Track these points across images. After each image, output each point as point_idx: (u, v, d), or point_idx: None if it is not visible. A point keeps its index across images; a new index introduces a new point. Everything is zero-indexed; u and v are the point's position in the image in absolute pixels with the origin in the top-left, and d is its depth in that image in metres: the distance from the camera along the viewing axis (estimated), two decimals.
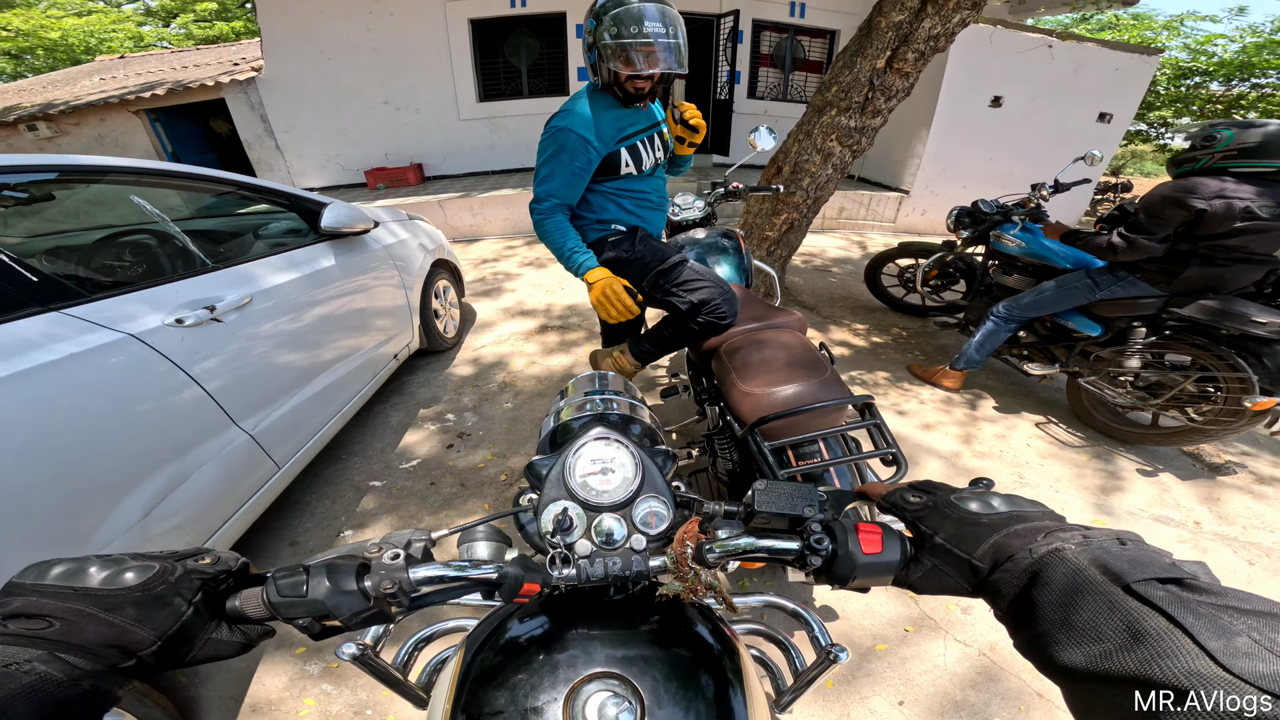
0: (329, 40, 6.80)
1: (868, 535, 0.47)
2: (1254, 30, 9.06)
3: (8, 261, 1.15)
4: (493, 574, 0.48)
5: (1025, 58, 5.81)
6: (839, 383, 1.27)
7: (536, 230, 1.60)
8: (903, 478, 1.10)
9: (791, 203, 3.52)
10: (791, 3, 7.25)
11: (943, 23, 2.82)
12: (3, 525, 1.02)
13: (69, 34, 13.71)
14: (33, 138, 7.17)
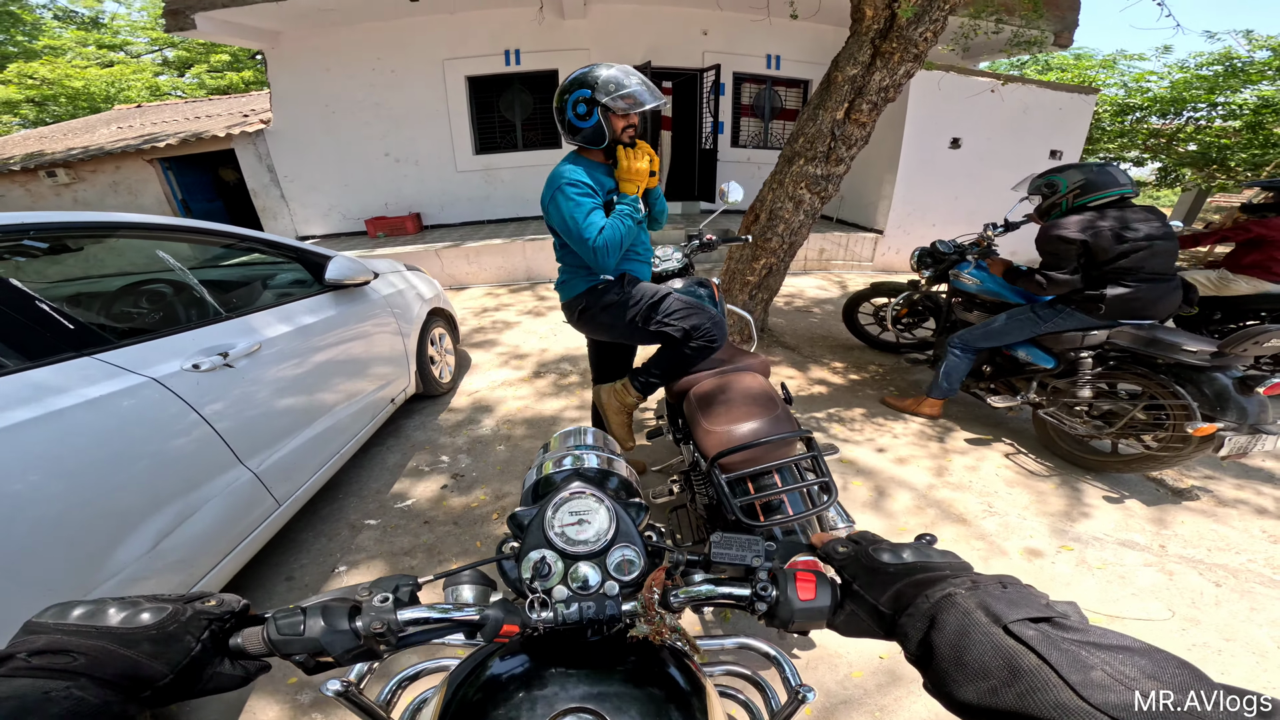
0: (334, 95, 7.24)
1: (804, 584, 0.53)
2: (1180, 67, 9.72)
3: (49, 311, 1.30)
4: (474, 616, 0.53)
5: (977, 100, 6.25)
6: (789, 419, 1.41)
7: (603, 258, 1.70)
8: (832, 502, 1.22)
9: (769, 248, 3.74)
10: (768, 55, 7.79)
11: (890, 74, 3.13)
12: (34, 548, 1.12)
13: (91, 83, 14.41)
14: (51, 184, 7.49)
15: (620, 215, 1.73)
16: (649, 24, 7.31)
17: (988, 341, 2.78)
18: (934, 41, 3.01)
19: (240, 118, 8.36)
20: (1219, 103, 9.14)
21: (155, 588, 1.37)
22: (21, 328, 1.24)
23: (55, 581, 1.17)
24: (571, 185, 1.69)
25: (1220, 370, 2.19)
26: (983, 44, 7.36)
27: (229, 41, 6.72)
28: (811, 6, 5.98)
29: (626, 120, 1.70)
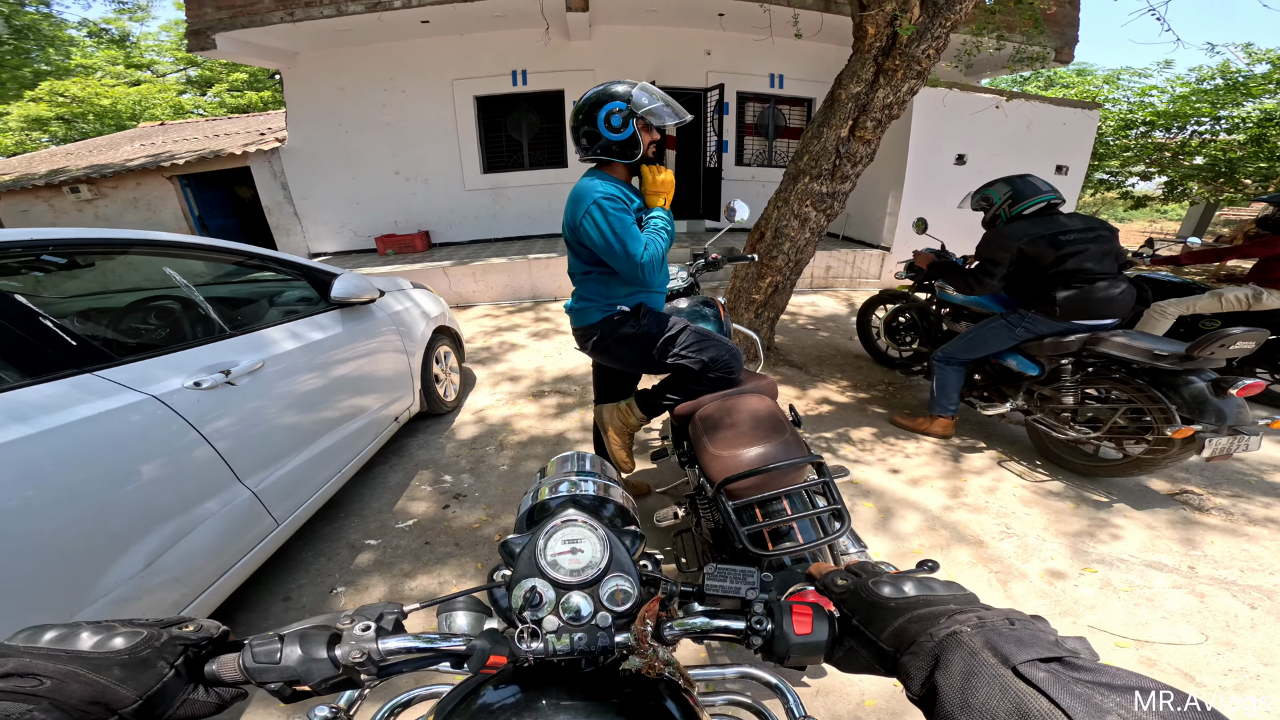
0: (347, 115, 7.41)
1: (800, 617, 0.52)
2: (1182, 81, 9.75)
3: (51, 327, 1.29)
4: (460, 646, 0.52)
5: (982, 117, 6.28)
6: (799, 443, 1.37)
7: (650, 273, 1.70)
8: (845, 531, 1.17)
9: (774, 266, 3.73)
10: (771, 75, 7.89)
11: (894, 92, 3.14)
12: (23, 566, 1.11)
13: (119, 101, 14.93)
14: (74, 199, 7.69)
15: (656, 230, 1.72)
16: (653, 44, 7.44)
17: (969, 353, 2.82)
18: (936, 59, 3.03)
19: (257, 136, 8.57)
20: (1222, 116, 9.14)
21: (148, 607, 1.34)
22: (22, 344, 1.24)
23: (43, 601, 1.15)
24: (608, 199, 1.65)
25: (1195, 374, 2.24)
26: (985, 61, 7.42)
27: (248, 61, 6.92)
28: (814, 26, 6.08)
29: (651, 136, 1.73)
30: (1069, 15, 7.23)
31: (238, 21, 5.97)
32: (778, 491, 1.23)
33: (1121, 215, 20.36)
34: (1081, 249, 2.42)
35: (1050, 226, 2.48)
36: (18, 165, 10.01)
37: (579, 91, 7.39)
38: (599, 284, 1.85)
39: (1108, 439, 2.48)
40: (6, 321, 1.23)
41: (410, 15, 6.16)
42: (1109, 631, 1.79)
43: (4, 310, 1.24)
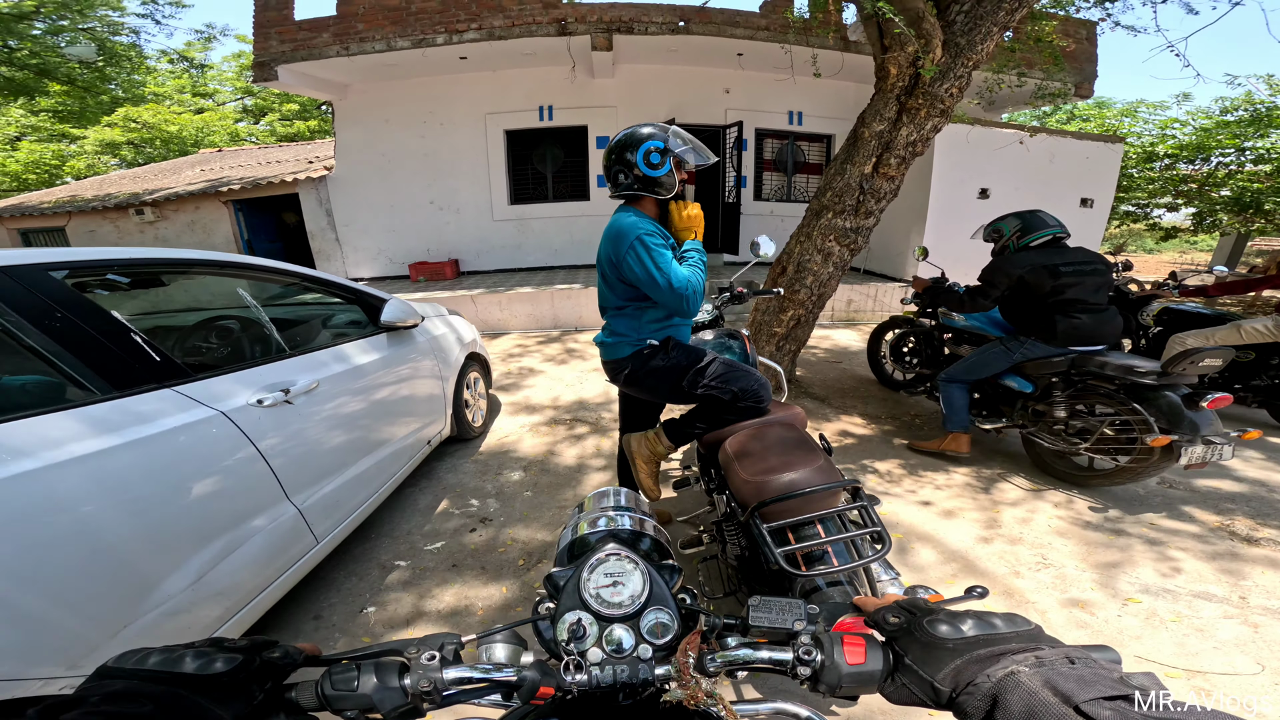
0: (390, 145, 7.84)
1: (852, 647, 0.51)
2: (1204, 114, 9.72)
3: (140, 343, 1.39)
4: (512, 677, 0.54)
5: (1005, 152, 6.36)
6: (832, 469, 1.38)
7: (691, 304, 1.76)
8: (886, 553, 1.18)
9: (797, 300, 3.77)
10: (790, 112, 8.10)
11: (917, 129, 3.22)
12: (87, 575, 1.16)
13: (184, 128, 16.03)
14: (138, 221, 8.22)
15: (695, 262, 1.80)
16: (673, 83, 7.74)
17: (971, 375, 3.02)
18: (959, 97, 3.11)
19: (305, 164, 9.08)
20: (1246, 148, 9.09)
21: (192, 620, 1.38)
22: (115, 358, 1.33)
23: (100, 611, 1.19)
24: (650, 235, 1.72)
25: (1170, 388, 2.44)
26: (1006, 97, 7.54)
27: (305, 92, 7.43)
28: (834, 65, 6.26)
29: (683, 175, 1.83)
30: (1087, 51, 7.35)
31: (299, 55, 6.44)
32: (811, 516, 1.25)
33: (1151, 247, 20.05)
34: (1078, 281, 2.63)
35: (1052, 258, 2.68)
36: (89, 187, 10.73)
37: (602, 127, 7.76)
38: (630, 319, 1.91)
39: (1096, 450, 2.65)
40: (102, 336, 1.33)
41: (450, 51, 6.57)
42: (1157, 661, 1.74)
43: (101, 324, 1.34)
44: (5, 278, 1.22)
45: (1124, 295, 4.20)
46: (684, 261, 1.80)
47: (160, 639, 1.26)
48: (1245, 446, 3.25)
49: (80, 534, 1.15)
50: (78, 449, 1.16)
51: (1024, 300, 2.76)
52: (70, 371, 1.24)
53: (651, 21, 6.30)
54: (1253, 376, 3.48)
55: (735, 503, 1.49)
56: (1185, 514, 2.58)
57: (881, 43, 3.08)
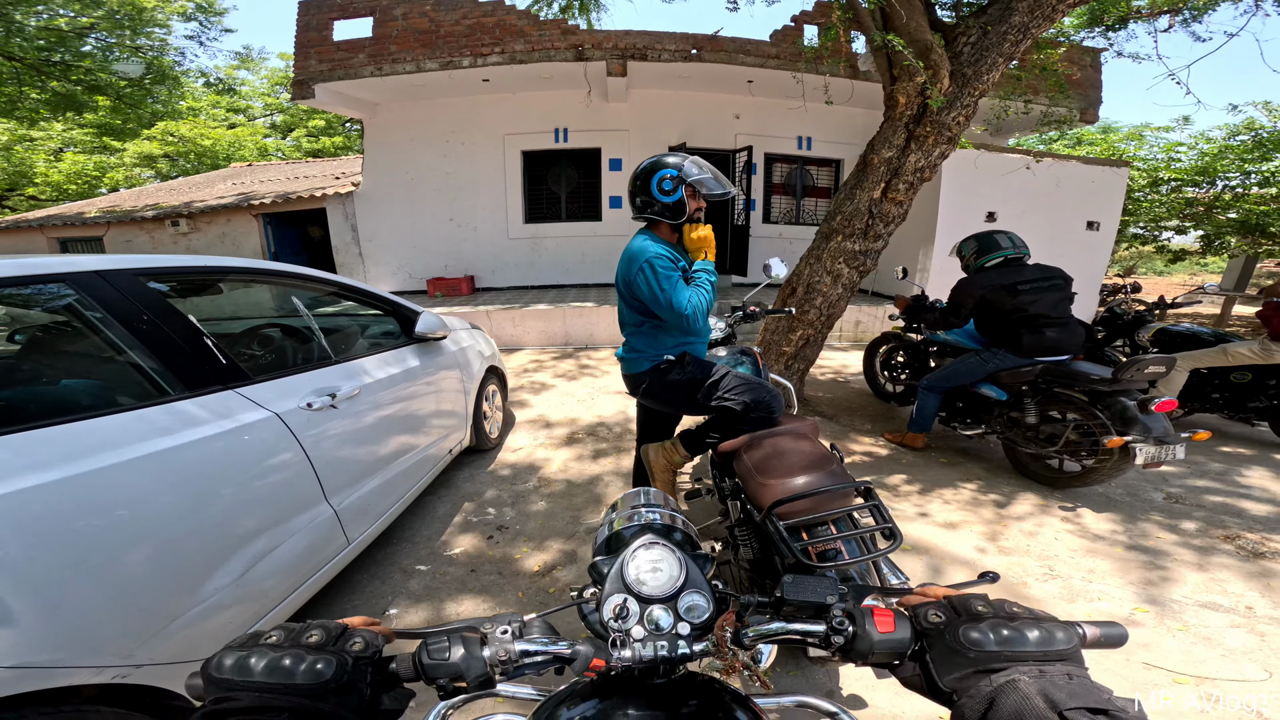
0: (414, 164, 8.12)
1: (882, 617, 0.56)
2: (1207, 138, 9.82)
3: (210, 346, 1.49)
4: (567, 650, 0.60)
5: (1011, 176, 6.47)
6: (844, 472, 1.48)
7: (694, 324, 1.86)
8: (896, 547, 1.25)
9: (806, 320, 3.86)
10: (799, 137, 8.29)
11: (925, 156, 3.34)
12: (146, 567, 1.23)
13: (218, 143, 16.64)
14: (172, 232, 8.53)
15: (701, 282, 1.90)
16: (685, 109, 7.97)
17: (948, 383, 3.29)
18: (966, 125, 3.23)
19: (332, 180, 9.37)
20: (1252, 171, 9.16)
21: (231, 617, 1.44)
22: (189, 359, 1.43)
23: (154, 604, 1.25)
24: (659, 259, 1.85)
25: (1125, 394, 2.69)
26: (1012, 122, 7.69)
27: (339, 110, 7.74)
28: (844, 93, 6.44)
29: (698, 203, 1.93)
30: (1092, 78, 7.50)
31: (336, 74, 6.76)
32: (823, 515, 1.33)
33: (1161, 269, 19.98)
34: (1037, 297, 2.91)
35: (1009, 277, 2.96)
36: (127, 198, 11.13)
37: (614, 150, 7.99)
38: (649, 336, 2.03)
39: (1064, 452, 2.89)
40: (179, 338, 1.43)
41: (474, 74, 6.88)
42: (1165, 668, 1.77)
43: (179, 328, 1.45)
44: (100, 280, 1.34)
45: (1119, 316, 4.27)
46: (692, 282, 1.91)
47: (206, 634, 1.35)
48: (1249, 464, 3.32)
49: (145, 528, 1.23)
50: (151, 446, 1.26)
51: (991, 316, 3.05)
52: (151, 371, 1.35)
53: (665, 49, 6.54)
54: (1250, 397, 3.55)
55: (751, 505, 1.57)
56: (1190, 528, 2.63)
57: (890, 73, 3.21)
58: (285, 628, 0.52)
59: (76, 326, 1.33)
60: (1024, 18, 2.89)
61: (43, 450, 1.10)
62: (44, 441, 1.11)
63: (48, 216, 9.61)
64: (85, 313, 1.31)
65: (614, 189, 8.24)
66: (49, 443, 1.12)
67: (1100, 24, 3.88)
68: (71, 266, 1.32)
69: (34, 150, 14.91)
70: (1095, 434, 2.73)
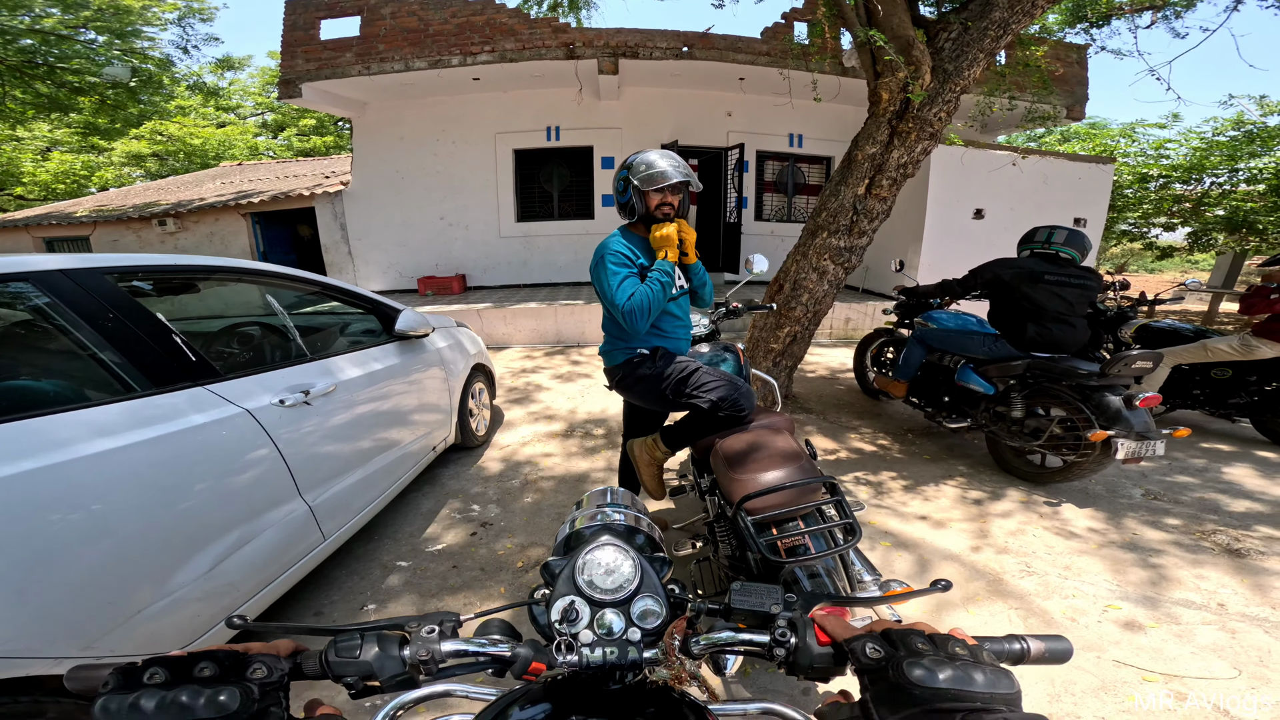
0: (405, 163, 8.10)
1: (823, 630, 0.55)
2: (1198, 135, 9.86)
3: (179, 344, 1.50)
4: (506, 652, 0.57)
5: (999, 173, 6.50)
6: (812, 468, 1.49)
7: (632, 321, 1.84)
8: (855, 543, 1.26)
9: (793, 316, 3.87)
10: (790, 134, 8.31)
11: (908, 152, 3.35)
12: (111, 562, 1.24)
13: (207, 142, 16.52)
14: (160, 231, 8.49)
15: (650, 281, 1.89)
16: (676, 106, 7.97)
17: (940, 343, 3.45)
18: (948, 121, 3.24)
19: (322, 179, 9.35)
20: (1240, 168, 9.19)
21: (200, 610, 1.44)
22: (157, 356, 1.44)
23: (119, 596, 1.26)
24: (611, 255, 1.90)
25: (1110, 390, 2.71)
26: (999, 119, 7.72)
27: (327, 110, 7.72)
28: (831, 90, 6.46)
29: (661, 198, 1.90)
30: (1078, 75, 7.53)
31: (323, 73, 6.74)
32: (793, 509, 1.34)
33: (1151, 266, 20.04)
34: (1058, 291, 2.93)
35: (1039, 266, 2.98)
36: (115, 198, 11.06)
37: (607, 148, 7.98)
38: (623, 331, 2.03)
39: (1047, 447, 2.91)
40: (147, 336, 1.44)
41: (464, 72, 6.86)
42: (1134, 665, 1.78)
43: (146, 325, 1.45)
44: (65, 279, 1.34)
45: (1101, 313, 4.30)
46: (647, 280, 1.90)
47: (172, 626, 1.36)
48: (1230, 460, 3.34)
49: (111, 521, 1.23)
50: (117, 441, 1.26)
51: (1004, 301, 3.10)
52: (116, 368, 1.35)
53: (656, 47, 6.54)
54: (1231, 393, 3.56)
55: (724, 500, 1.58)
56: (1169, 524, 2.64)
57: (874, 69, 3.22)
58: (166, 662, 0.46)
59: (42, 325, 1.33)
60: (1004, 13, 2.90)
61: (6, 444, 1.11)
62: (7, 436, 1.12)
63: (34, 216, 9.56)
64: (50, 312, 1.31)
65: (606, 187, 8.25)
66: (12, 437, 1.12)
67: (1083, 20, 3.90)
68: (36, 265, 1.32)
69: (21, 150, 14.82)
70: (1079, 428, 2.74)
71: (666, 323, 2.09)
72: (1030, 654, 0.53)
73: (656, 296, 1.87)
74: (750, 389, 1.91)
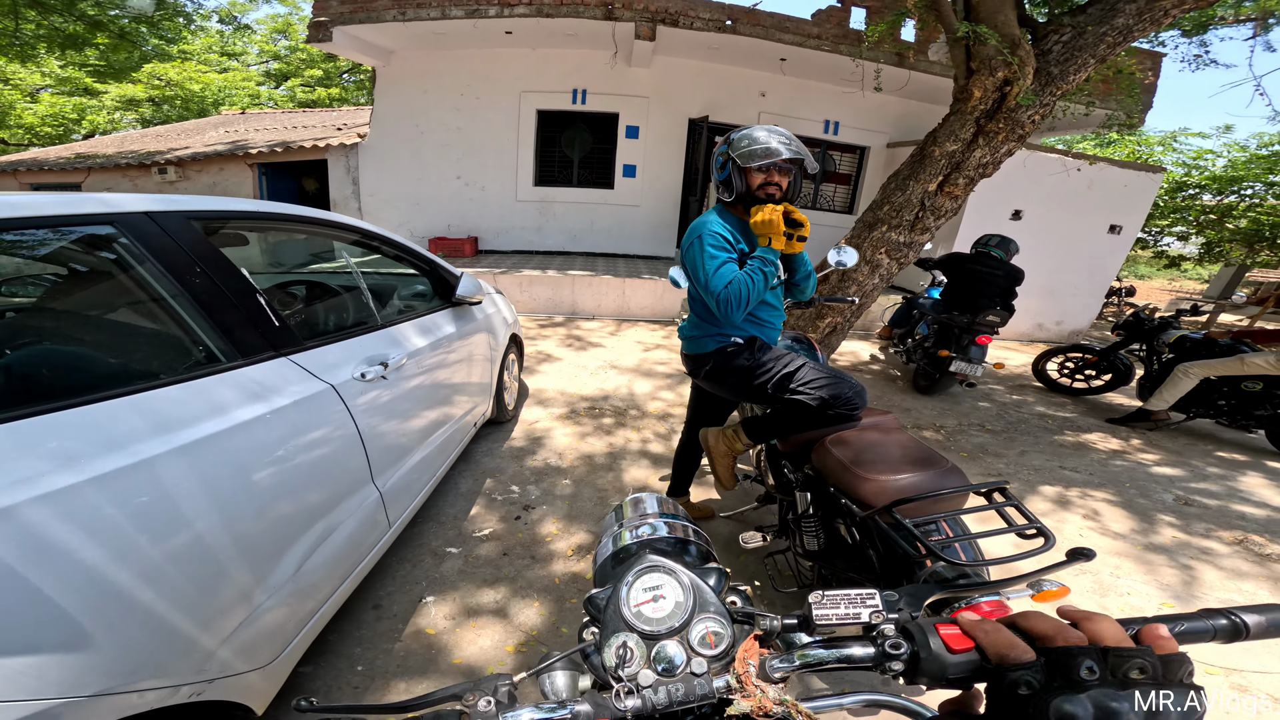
0: (425, 117, 7.66)
1: (949, 634, 0.45)
2: (1241, 147, 9.88)
3: (263, 306, 1.28)
4: (567, 715, 0.51)
5: (1043, 175, 6.40)
6: (960, 472, 1.43)
7: (727, 309, 1.71)
8: (1049, 548, 1.10)
9: (837, 308, 3.75)
10: (826, 121, 8.03)
11: (992, 152, 3.21)
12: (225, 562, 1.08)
13: (208, 87, 15.52)
14: (159, 180, 7.94)
15: (751, 269, 1.72)
16: (709, 80, 7.62)
17: (913, 305, 5.11)
18: (1040, 124, 3.10)
19: (333, 130, 8.81)
20: (1273, 182, 9.22)
21: (285, 618, 1.27)
22: (242, 322, 1.23)
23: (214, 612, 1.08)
24: (712, 235, 1.74)
25: (968, 332, 4.11)
26: (1067, 121, 7.57)
27: (354, 56, 7.19)
28: (898, 81, 6.20)
29: (766, 177, 1.72)
30: (1149, 83, 7.35)
31: (357, 17, 6.27)
32: (936, 516, 1.27)
33: (1142, 273, 20.32)
34: (979, 280, 4.14)
35: (973, 262, 4.23)
36: (108, 144, 10.33)
37: (632, 116, 7.65)
38: (713, 315, 1.86)
39: (929, 362, 4.44)
40: (234, 297, 1.22)
41: (499, 24, 6.43)
42: (1200, 661, 1.85)
43: (233, 284, 1.24)
44: (152, 224, 1.11)
45: (1144, 322, 4.31)
46: (746, 267, 1.75)
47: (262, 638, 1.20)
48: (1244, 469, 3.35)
49: (206, 523, 1.05)
50: (209, 426, 1.07)
51: (949, 279, 4.41)
52: (203, 336, 1.15)
53: (698, 17, 6.20)
54: (1257, 405, 3.68)
55: (849, 500, 1.50)
56: (1201, 529, 2.76)
57: (968, 65, 3.04)
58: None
59: (124, 281, 1.10)
60: (1129, 19, 2.73)
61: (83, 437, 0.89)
62: (85, 425, 0.90)
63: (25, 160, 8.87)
64: (135, 264, 1.08)
65: (628, 157, 7.92)
66: (93, 426, 0.91)
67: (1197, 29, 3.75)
68: (119, 206, 1.09)
69: (15, 91, 13.71)
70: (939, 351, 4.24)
71: (764, 311, 1.94)
72: (1250, 630, 0.44)
73: (758, 286, 1.70)
74: (863, 388, 1.78)
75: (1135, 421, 4.15)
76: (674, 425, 3.59)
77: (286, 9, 18.31)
